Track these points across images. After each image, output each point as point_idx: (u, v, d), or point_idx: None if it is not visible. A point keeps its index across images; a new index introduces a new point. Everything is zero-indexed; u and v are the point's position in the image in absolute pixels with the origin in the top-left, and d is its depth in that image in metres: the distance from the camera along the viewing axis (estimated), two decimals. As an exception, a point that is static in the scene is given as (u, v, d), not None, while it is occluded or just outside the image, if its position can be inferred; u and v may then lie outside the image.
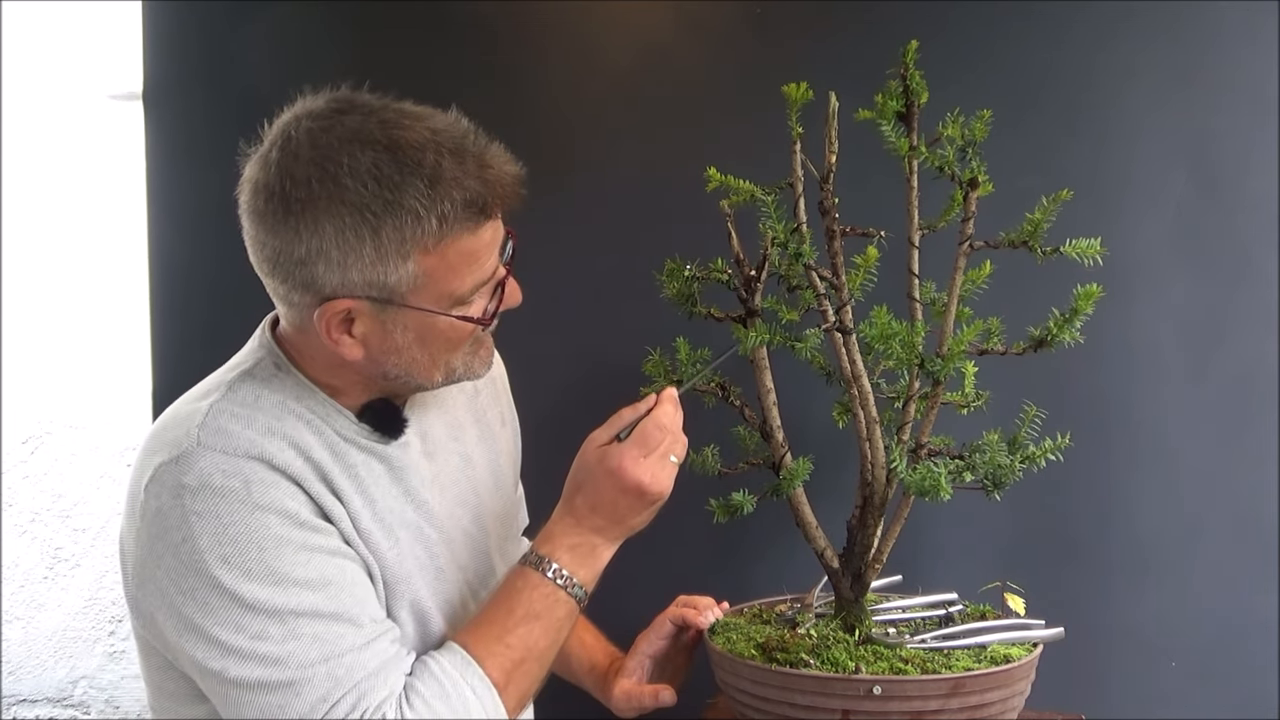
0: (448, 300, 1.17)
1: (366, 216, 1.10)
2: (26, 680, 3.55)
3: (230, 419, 1.18)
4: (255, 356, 1.26)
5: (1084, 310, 1.34)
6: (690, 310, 1.51)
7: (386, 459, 1.26)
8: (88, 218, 3.52)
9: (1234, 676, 1.84)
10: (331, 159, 1.11)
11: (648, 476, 1.23)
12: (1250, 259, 1.83)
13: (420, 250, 1.13)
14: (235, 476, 1.13)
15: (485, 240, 1.17)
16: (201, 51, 2.14)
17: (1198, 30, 1.83)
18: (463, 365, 1.25)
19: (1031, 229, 1.38)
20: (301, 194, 1.11)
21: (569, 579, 1.24)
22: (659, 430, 1.25)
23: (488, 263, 1.18)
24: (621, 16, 2.00)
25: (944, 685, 1.30)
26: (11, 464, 3.56)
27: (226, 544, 1.12)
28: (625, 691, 1.49)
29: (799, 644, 1.39)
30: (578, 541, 1.25)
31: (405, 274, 1.13)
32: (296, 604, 1.13)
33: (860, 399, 1.42)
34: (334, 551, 1.18)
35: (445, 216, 1.11)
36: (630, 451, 1.24)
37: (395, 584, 1.24)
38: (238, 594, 1.11)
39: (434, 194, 1.11)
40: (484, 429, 1.43)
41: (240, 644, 1.11)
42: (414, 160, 1.11)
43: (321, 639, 1.13)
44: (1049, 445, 1.39)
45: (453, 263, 1.15)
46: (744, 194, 1.41)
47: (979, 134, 1.36)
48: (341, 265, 1.13)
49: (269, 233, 1.15)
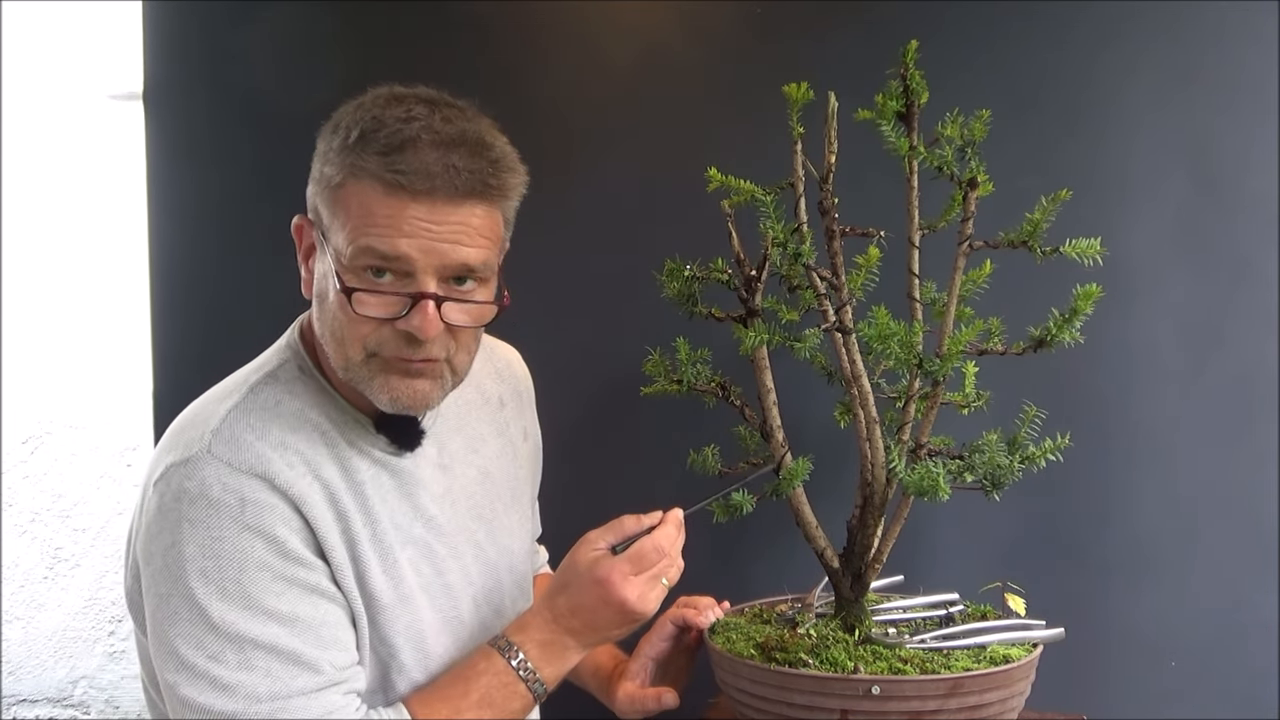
0: (341, 255, 1.13)
1: (331, 135, 1.16)
2: (26, 680, 3.55)
3: (245, 428, 1.18)
4: (281, 357, 1.26)
5: (1084, 310, 1.34)
6: (691, 310, 1.51)
7: (398, 473, 1.26)
8: (88, 218, 3.52)
9: (1234, 676, 1.84)
10: (368, 100, 1.17)
11: (634, 595, 1.22)
12: (1250, 259, 1.83)
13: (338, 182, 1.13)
14: (233, 492, 1.13)
15: (394, 213, 1.10)
16: (202, 51, 2.14)
17: (1198, 30, 1.83)
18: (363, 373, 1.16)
19: (1031, 229, 1.38)
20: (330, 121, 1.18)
21: (532, 673, 1.23)
22: (656, 552, 1.24)
23: (387, 239, 1.11)
24: (621, 16, 2.00)
25: (943, 685, 1.30)
26: (11, 464, 3.56)
27: (209, 558, 1.12)
28: (628, 694, 1.49)
29: (798, 644, 1.39)
30: (550, 639, 1.24)
31: (325, 203, 1.15)
32: (259, 634, 1.12)
33: (860, 399, 1.42)
34: (313, 588, 1.17)
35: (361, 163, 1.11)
36: (621, 567, 1.23)
37: (391, 608, 1.23)
38: (206, 611, 1.11)
39: (366, 141, 1.11)
40: (505, 442, 1.43)
41: (196, 661, 1.12)
42: (404, 113, 1.13)
43: (274, 675, 1.12)
44: (1049, 445, 1.38)
45: (351, 210, 1.12)
46: (744, 194, 1.41)
47: (978, 134, 1.36)
48: (312, 180, 1.18)
49: None
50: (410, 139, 1.11)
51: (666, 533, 1.25)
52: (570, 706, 1.59)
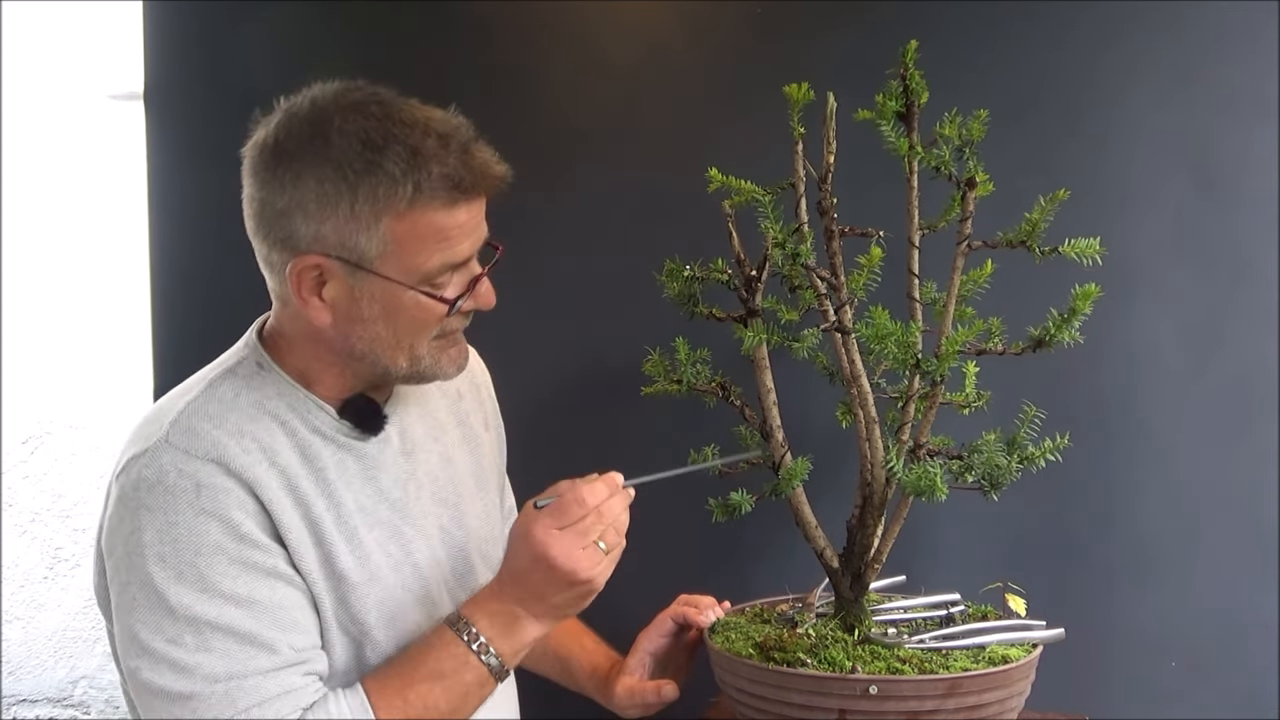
0: (415, 275, 1.18)
1: (346, 174, 1.15)
2: (26, 680, 3.55)
3: (202, 418, 1.19)
4: (239, 355, 1.28)
5: (1082, 310, 1.33)
6: (691, 310, 1.51)
7: (362, 456, 1.27)
8: (88, 218, 3.53)
9: (1234, 676, 1.84)
10: (326, 119, 1.17)
11: (557, 550, 1.17)
12: (1250, 259, 1.83)
13: (392, 215, 1.15)
14: (189, 478, 1.15)
15: (458, 222, 1.18)
16: (202, 51, 2.14)
17: (1198, 31, 1.83)
18: (429, 359, 1.24)
19: (1029, 229, 1.38)
20: (291, 146, 1.17)
21: (484, 644, 1.20)
22: (578, 505, 1.19)
23: (459, 247, 1.19)
24: (621, 16, 2.00)
25: (940, 685, 1.30)
26: (11, 464, 3.57)
27: (167, 543, 1.14)
28: (628, 688, 1.49)
29: (797, 643, 1.39)
30: (498, 609, 1.22)
31: (375, 238, 1.16)
32: (215, 616, 1.13)
33: (860, 399, 1.42)
34: (269, 571, 1.17)
35: (420, 186, 1.15)
36: (542, 521, 1.19)
37: (361, 585, 1.23)
38: (165, 595, 1.13)
39: (413, 162, 1.14)
40: (467, 431, 1.44)
41: (156, 645, 1.13)
42: (401, 133, 1.15)
43: (231, 656, 1.13)
44: (1048, 445, 1.38)
45: (422, 235, 1.17)
46: (745, 194, 1.41)
47: (976, 134, 1.36)
48: (317, 219, 1.16)
49: (259, 186, 1.19)
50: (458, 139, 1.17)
51: (593, 488, 1.20)
52: (566, 707, 1.59)
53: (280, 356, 1.27)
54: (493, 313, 1.33)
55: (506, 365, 1.56)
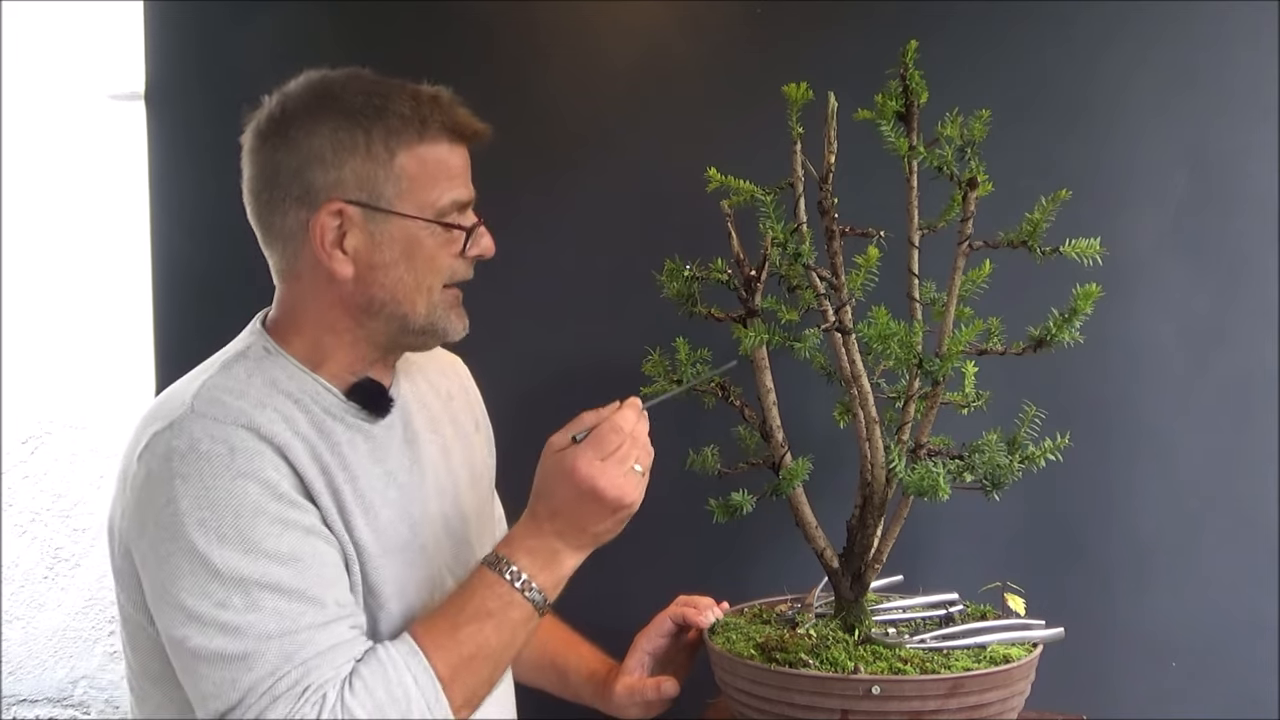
0: (431, 210, 1.25)
1: (359, 119, 1.23)
2: (26, 680, 3.55)
3: (223, 391, 1.22)
4: (246, 342, 1.30)
5: (1083, 310, 1.33)
6: (691, 310, 1.51)
7: (370, 437, 1.29)
8: (90, 218, 3.53)
9: (1234, 676, 1.84)
10: (325, 84, 1.27)
11: (604, 480, 1.19)
12: (1250, 259, 1.83)
13: (405, 150, 1.24)
14: (222, 443, 1.16)
15: (458, 162, 1.28)
16: (203, 51, 2.15)
17: (1198, 31, 1.83)
18: (442, 310, 1.28)
19: (1030, 229, 1.38)
20: (298, 107, 1.25)
21: (527, 582, 1.21)
22: (615, 433, 1.21)
23: (461, 187, 1.27)
24: (621, 16, 2.00)
25: (943, 685, 1.30)
26: (11, 464, 3.56)
27: (205, 508, 1.14)
28: (627, 687, 1.49)
29: (798, 644, 1.39)
30: (537, 545, 1.23)
31: (392, 174, 1.24)
32: (262, 575, 1.14)
33: (860, 399, 1.42)
34: (309, 529, 1.19)
35: (426, 122, 1.24)
36: (585, 454, 1.20)
37: (378, 558, 1.24)
38: (208, 559, 1.13)
39: (416, 104, 1.25)
40: (459, 429, 1.45)
41: (203, 610, 1.13)
42: (397, 87, 1.26)
43: (281, 614, 1.14)
44: (1048, 445, 1.38)
45: (432, 171, 1.25)
46: (744, 194, 1.41)
47: (977, 134, 1.36)
48: (335, 164, 1.23)
49: (268, 154, 1.26)
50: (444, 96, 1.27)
51: (625, 415, 1.22)
52: (565, 707, 1.59)
53: (286, 342, 1.29)
54: (492, 312, 1.33)
55: (507, 365, 1.56)
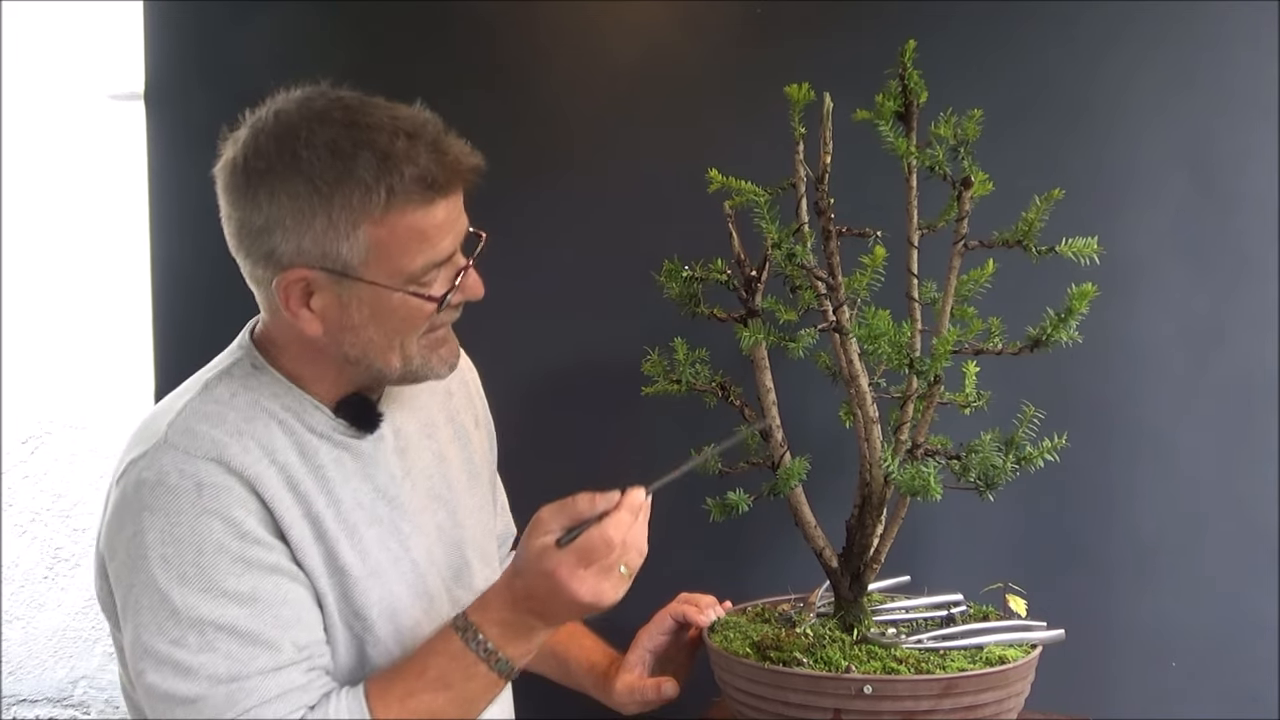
0: (400, 277, 1.18)
1: (320, 186, 1.14)
2: (26, 680, 3.56)
3: (200, 418, 1.20)
4: (233, 357, 1.29)
5: (1079, 310, 1.33)
6: (691, 310, 1.51)
7: (359, 455, 1.28)
8: (89, 218, 3.53)
9: (1234, 676, 1.84)
10: (292, 133, 1.16)
11: (584, 590, 1.15)
12: (1250, 259, 1.83)
13: (370, 221, 1.15)
14: (189, 477, 1.15)
15: (436, 221, 1.18)
16: (202, 51, 2.15)
17: (1199, 31, 1.83)
18: (420, 359, 1.24)
19: (1026, 229, 1.38)
20: (261, 165, 1.17)
21: (493, 653, 1.19)
22: (605, 545, 1.15)
23: (441, 244, 1.19)
24: (621, 16, 2.00)
25: (936, 685, 1.29)
26: (11, 464, 3.57)
27: (169, 544, 1.14)
28: (627, 685, 1.49)
29: (794, 643, 1.39)
30: (511, 619, 1.20)
31: (356, 245, 1.16)
32: (219, 616, 1.13)
33: (858, 399, 1.42)
34: (272, 568, 1.17)
35: (393, 189, 1.14)
36: (568, 560, 1.15)
37: (363, 580, 1.24)
38: (169, 597, 1.13)
39: (384, 167, 1.14)
40: (458, 429, 1.44)
41: (159, 648, 1.13)
42: (368, 138, 1.15)
43: (233, 657, 1.13)
44: (1046, 446, 1.38)
45: (402, 238, 1.17)
46: (745, 194, 1.41)
47: (971, 133, 1.36)
48: (296, 233, 1.16)
49: (234, 205, 1.20)
50: (428, 135, 1.16)
51: (617, 521, 1.16)
52: (564, 706, 1.59)
53: (274, 358, 1.27)
54: (492, 312, 1.33)
55: (506, 365, 1.56)
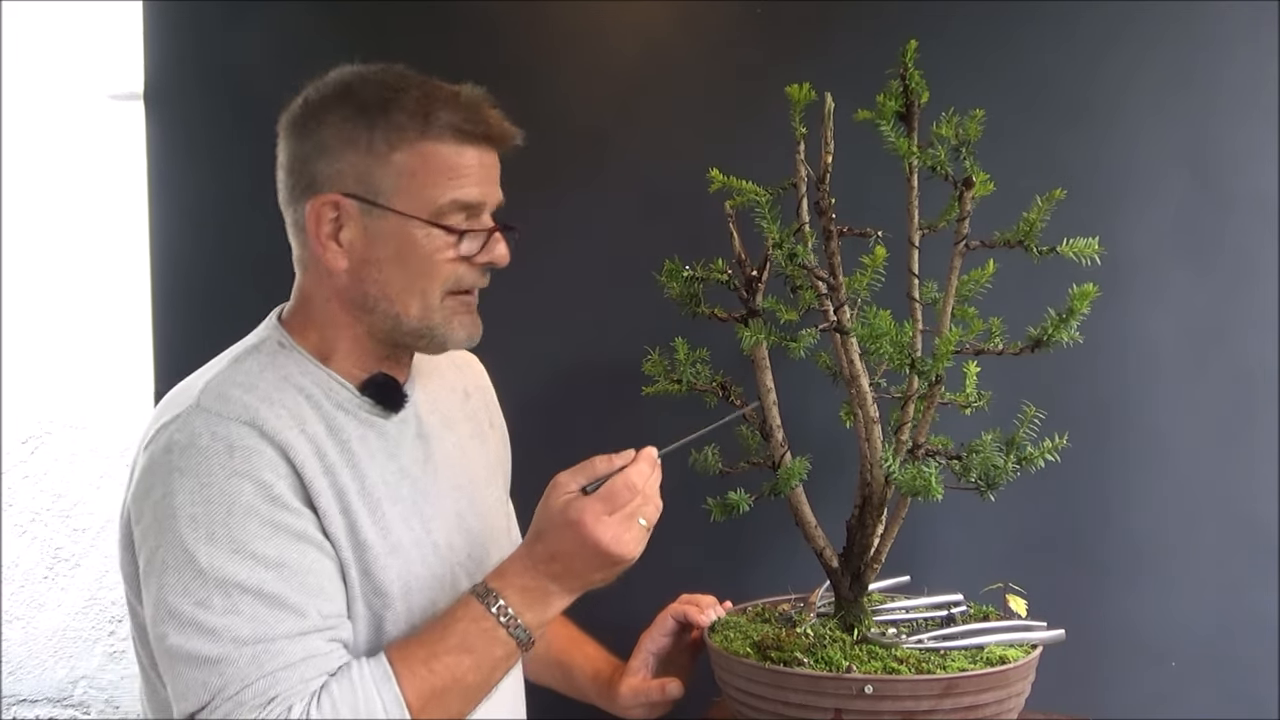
0: (427, 208, 1.23)
1: (366, 111, 1.23)
2: (26, 680, 3.55)
3: (233, 385, 1.22)
4: (261, 336, 1.31)
5: (1080, 310, 1.33)
6: (692, 310, 1.51)
7: (384, 434, 1.29)
8: (89, 218, 3.53)
9: (1234, 677, 1.84)
10: (349, 77, 1.27)
11: (609, 536, 1.18)
12: (1250, 259, 1.83)
13: (406, 147, 1.23)
14: (221, 439, 1.16)
15: (467, 161, 1.25)
16: (202, 51, 2.15)
17: (1198, 31, 1.83)
18: (440, 315, 1.27)
19: (1027, 229, 1.38)
20: (317, 98, 1.27)
21: (513, 618, 1.20)
22: (628, 489, 1.19)
23: (469, 186, 1.25)
24: (623, 16, 2.00)
25: (936, 686, 1.29)
26: (11, 464, 3.57)
27: (199, 504, 1.14)
28: (632, 688, 1.49)
29: (794, 643, 1.39)
30: (531, 584, 1.21)
31: (390, 172, 1.23)
32: (245, 578, 1.14)
33: (859, 399, 1.42)
34: (300, 534, 1.18)
35: (430, 120, 1.23)
36: (594, 507, 1.18)
37: (383, 556, 1.24)
38: (195, 557, 1.13)
39: (427, 101, 1.24)
40: (475, 427, 1.45)
41: (184, 609, 1.13)
42: (417, 81, 1.26)
43: (259, 619, 1.13)
44: (1046, 446, 1.38)
45: (432, 168, 1.23)
46: (746, 194, 1.41)
47: (972, 133, 1.36)
48: (337, 156, 1.23)
49: (288, 140, 1.28)
50: (468, 95, 1.26)
51: (639, 469, 1.20)
52: (576, 708, 1.59)
53: (299, 334, 1.29)
54: (493, 312, 1.33)
55: (507, 364, 1.56)
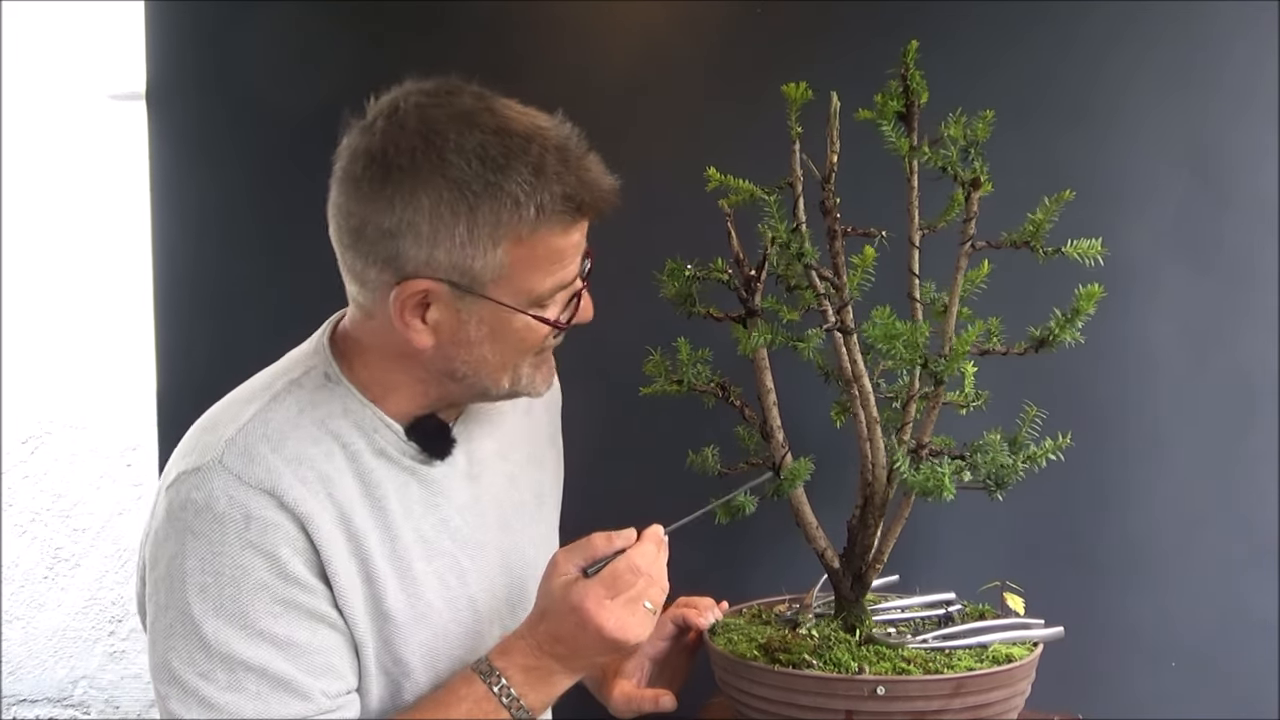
0: (526, 298, 1.15)
1: (466, 194, 1.09)
2: (26, 680, 3.56)
3: (261, 439, 1.15)
4: (307, 364, 1.23)
5: (1085, 310, 1.33)
6: (690, 310, 1.51)
7: (426, 482, 1.24)
8: (90, 218, 3.53)
9: (1234, 676, 1.84)
10: (439, 133, 1.10)
11: (612, 622, 1.14)
12: (1250, 259, 1.83)
13: (512, 239, 1.11)
14: (239, 507, 1.12)
15: (572, 242, 1.16)
16: (203, 51, 2.14)
17: (1199, 31, 1.83)
18: (526, 377, 1.22)
19: (1033, 229, 1.38)
20: (404, 162, 1.10)
21: (515, 700, 1.17)
22: (631, 573, 1.15)
23: (570, 267, 1.17)
24: (622, 16, 2.00)
25: (947, 685, 1.30)
26: (11, 464, 3.57)
27: (209, 573, 1.11)
28: (625, 694, 1.48)
29: (801, 644, 1.39)
30: (534, 664, 1.18)
31: (492, 262, 1.12)
32: (251, 655, 1.11)
33: (861, 399, 1.42)
34: (311, 612, 1.15)
35: (543, 208, 1.10)
36: (596, 591, 1.14)
37: (407, 625, 1.21)
38: (201, 627, 1.10)
39: (536, 183, 1.10)
40: (534, 449, 1.42)
41: (187, 678, 1.11)
42: (520, 148, 1.11)
43: (262, 698, 1.11)
44: (1050, 445, 1.38)
45: (540, 258, 1.14)
46: (744, 194, 1.41)
47: (981, 134, 1.36)
48: (430, 241, 1.11)
49: (360, 201, 1.12)
50: (574, 162, 1.13)
51: (643, 550, 1.17)
52: (565, 705, 1.59)
53: (351, 365, 1.22)
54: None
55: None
